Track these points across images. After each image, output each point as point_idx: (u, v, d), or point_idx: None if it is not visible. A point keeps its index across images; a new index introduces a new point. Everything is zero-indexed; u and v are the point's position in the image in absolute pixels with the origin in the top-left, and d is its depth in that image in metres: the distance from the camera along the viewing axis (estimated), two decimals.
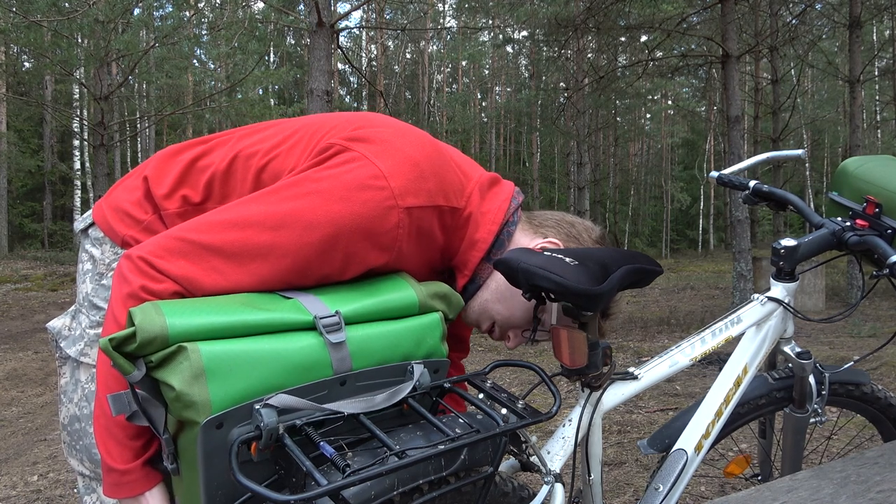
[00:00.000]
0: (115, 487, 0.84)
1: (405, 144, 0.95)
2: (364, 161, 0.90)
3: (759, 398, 1.29)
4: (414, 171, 0.92)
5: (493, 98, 30.88)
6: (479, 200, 1.05)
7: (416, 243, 0.96)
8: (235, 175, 1.00)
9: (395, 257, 0.94)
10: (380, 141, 0.94)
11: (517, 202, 1.11)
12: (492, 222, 1.05)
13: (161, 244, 0.85)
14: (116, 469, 0.83)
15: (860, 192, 1.24)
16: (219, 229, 0.86)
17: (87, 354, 1.01)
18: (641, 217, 28.52)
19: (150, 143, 21.38)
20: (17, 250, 17.71)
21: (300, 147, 0.99)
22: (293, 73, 20.49)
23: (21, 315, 8.96)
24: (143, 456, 0.85)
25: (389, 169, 0.90)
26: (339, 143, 0.94)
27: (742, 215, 7.05)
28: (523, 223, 1.11)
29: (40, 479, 2.82)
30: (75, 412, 1.02)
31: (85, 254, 1.06)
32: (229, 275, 0.85)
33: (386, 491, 0.80)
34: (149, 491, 0.85)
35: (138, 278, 0.83)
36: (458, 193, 1.01)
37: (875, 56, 12.71)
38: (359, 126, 0.98)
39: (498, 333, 1.12)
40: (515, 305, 1.07)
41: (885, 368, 3.97)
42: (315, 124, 1.03)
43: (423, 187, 0.93)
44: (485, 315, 1.10)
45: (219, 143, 1.05)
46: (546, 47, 11.82)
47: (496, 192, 1.09)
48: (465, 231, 1.05)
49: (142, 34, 12.75)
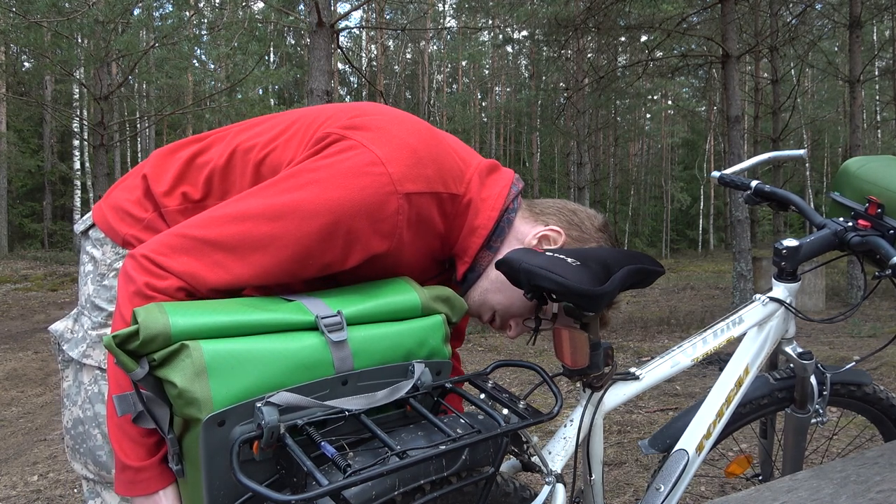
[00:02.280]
0: (129, 485, 0.84)
1: (402, 131, 0.94)
2: (361, 148, 0.90)
3: (761, 398, 1.29)
4: (412, 158, 0.92)
5: (493, 98, 30.89)
6: (478, 187, 1.04)
7: (416, 230, 0.96)
8: (235, 170, 1.00)
9: (395, 245, 0.94)
10: (376, 128, 0.94)
11: (517, 189, 1.10)
12: (491, 209, 1.04)
13: (164, 242, 0.85)
14: (131, 466, 0.83)
15: (862, 192, 1.24)
16: (219, 224, 0.86)
17: (89, 356, 1.01)
18: (641, 217, 28.52)
19: (150, 143, 21.38)
20: (17, 250, 17.72)
21: (297, 138, 0.99)
22: (293, 73, 20.51)
23: (21, 315, 8.97)
24: (157, 454, 0.85)
25: (387, 155, 0.90)
26: (336, 131, 0.94)
27: (742, 215, 7.06)
28: (524, 210, 1.10)
29: (40, 479, 2.81)
30: (79, 415, 1.01)
31: (86, 255, 1.06)
32: (232, 268, 0.85)
33: (387, 491, 0.80)
34: (163, 490, 0.85)
35: (142, 276, 0.83)
36: (458, 180, 1.01)
37: (875, 56, 12.71)
38: (355, 115, 0.98)
39: (499, 323, 1.11)
40: (515, 295, 1.06)
41: (886, 369, 3.97)
42: (311, 115, 1.03)
43: (422, 173, 0.93)
44: (485, 306, 1.09)
45: (216, 140, 1.05)
46: (546, 47, 11.81)
47: (496, 178, 1.08)
48: (464, 218, 1.04)
49: (142, 34, 12.75)
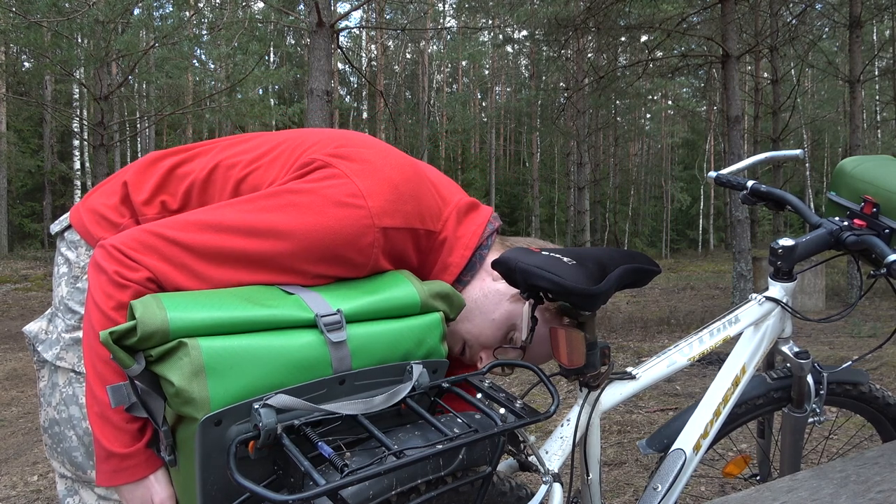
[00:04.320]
0: (115, 474, 0.84)
1: (386, 166, 0.96)
2: (344, 178, 0.92)
3: (758, 398, 1.29)
4: (393, 193, 0.94)
5: (493, 98, 30.88)
6: (454, 225, 1.07)
7: (387, 264, 0.98)
8: (215, 184, 1.01)
9: (367, 273, 0.96)
10: (361, 160, 0.95)
11: (493, 227, 1.12)
12: (465, 247, 1.07)
13: (135, 237, 0.86)
14: (116, 454, 0.83)
15: (858, 191, 1.25)
16: (193, 229, 0.87)
17: (62, 358, 1.01)
18: (641, 217, 28.51)
19: (150, 143, 21.36)
20: (17, 250, 17.71)
21: (281, 161, 1.01)
22: (293, 73, 20.49)
23: (21, 315, 8.97)
24: (142, 439, 0.85)
25: (368, 188, 0.92)
26: (322, 158, 0.95)
27: (742, 215, 7.06)
28: (496, 246, 1.13)
29: (40, 479, 2.82)
30: (54, 416, 1.02)
31: (61, 257, 1.06)
32: (199, 274, 0.86)
33: (384, 491, 0.80)
34: (153, 474, 0.85)
35: (112, 265, 0.84)
36: (435, 217, 1.03)
37: (875, 56, 12.72)
38: (342, 144, 1.00)
39: (469, 355, 1.11)
40: (484, 323, 1.08)
41: (885, 368, 3.97)
42: (298, 139, 1.04)
43: (401, 209, 0.94)
44: (455, 336, 1.10)
45: (201, 152, 1.06)
46: (546, 47, 11.82)
47: (473, 217, 1.10)
48: (438, 254, 1.06)
49: (142, 34, 12.73)
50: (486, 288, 1.08)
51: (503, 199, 27.79)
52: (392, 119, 17.61)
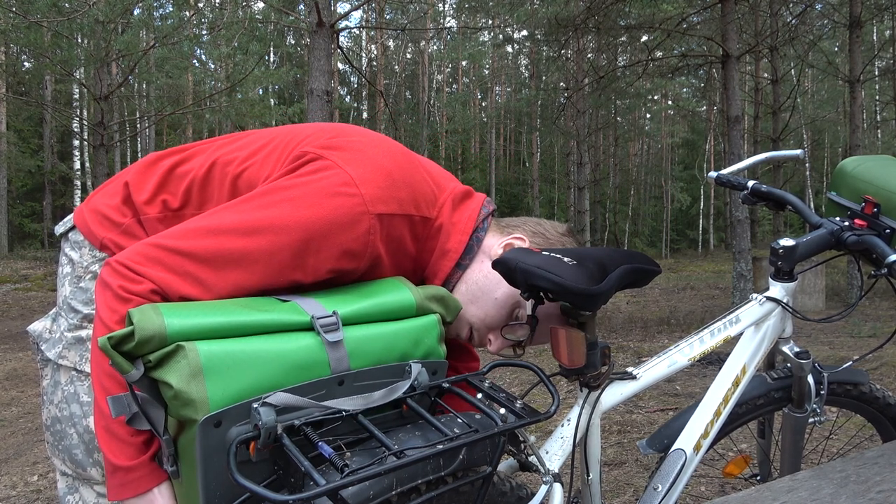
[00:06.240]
0: (121, 488, 0.84)
1: (378, 154, 0.97)
2: (336, 169, 0.92)
3: (758, 398, 1.29)
4: (386, 180, 0.94)
5: (493, 98, 30.88)
6: (450, 211, 1.08)
7: (386, 252, 0.98)
8: (213, 181, 1.02)
9: (366, 265, 0.96)
10: (352, 149, 0.96)
11: (488, 210, 1.13)
12: (462, 232, 1.08)
13: (138, 251, 0.87)
14: (122, 467, 0.83)
15: (858, 191, 1.25)
16: (194, 236, 0.88)
17: (65, 357, 1.02)
18: (641, 217, 28.51)
19: (150, 143, 21.36)
20: (17, 250, 17.72)
21: (275, 156, 1.02)
22: (293, 73, 20.51)
23: (21, 315, 8.97)
24: (146, 452, 0.85)
25: (361, 176, 0.92)
26: (313, 151, 0.96)
27: (742, 215, 7.05)
28: (493, 228, 1.14)
29: (40, 479, 2.82)
30: (56, 414, 1.03)
31: (64, 257, 1.08)
32: (203, 280, 0.87)
33: (384, 491, 0.80)
34: (157, 487, 0.85)
35: (117, 279, 0.85)
36: (430, 204, 1.03)
37: (875, 56, 12.72)
38: (333, 135, 1.01)
39: (477, 339, 1.12)
40: (488, 304, 1.08)
41: (885, 368, 3.97)
42: (290, 133, 1.05)
43: (395, 196, 0.95)
44: (461, 321, 1.10)
45: (198, 151, 1.08)
46: (546, 47, 11.82)
47: (468, 203, 1.11)
48: (436, 241, 1.07)
49: (142, 34, 12.74)
50: (486, 269, 1.09)
51: (503, 199, 27.79)
52: (392, 119, 17.60)
